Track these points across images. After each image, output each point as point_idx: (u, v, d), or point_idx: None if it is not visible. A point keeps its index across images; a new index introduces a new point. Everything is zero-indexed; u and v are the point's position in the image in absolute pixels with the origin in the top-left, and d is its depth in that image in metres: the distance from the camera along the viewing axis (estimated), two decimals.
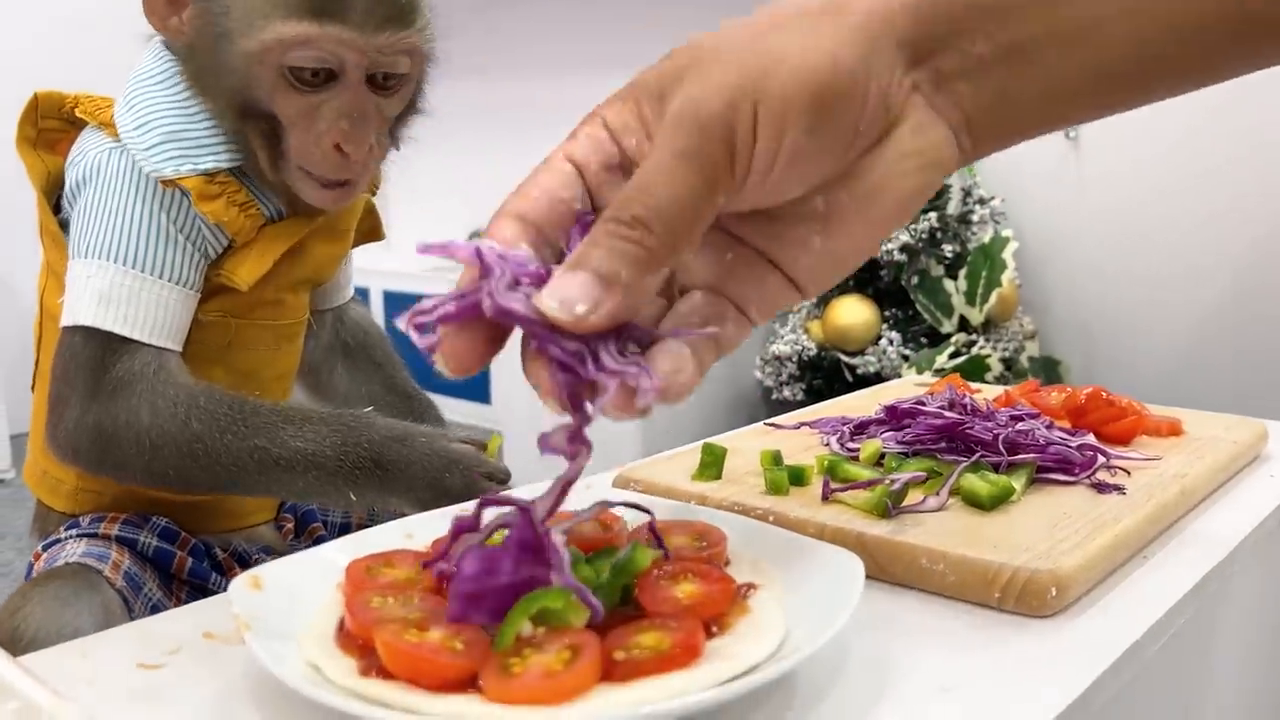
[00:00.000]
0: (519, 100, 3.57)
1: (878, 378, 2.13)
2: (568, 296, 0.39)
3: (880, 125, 0.42)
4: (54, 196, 0.79)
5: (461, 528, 0.44)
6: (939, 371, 2.00)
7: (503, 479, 0.71)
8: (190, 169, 0.72)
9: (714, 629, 0.41)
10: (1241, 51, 0.41)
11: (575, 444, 0.40)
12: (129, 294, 0.71)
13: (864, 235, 0.44)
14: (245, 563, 0.78)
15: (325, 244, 0.81)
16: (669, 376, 0.41)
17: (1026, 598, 0.50)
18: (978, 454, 0.65)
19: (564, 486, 0.41)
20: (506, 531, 0.42)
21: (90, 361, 0.71)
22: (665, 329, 0.43)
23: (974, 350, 2.08)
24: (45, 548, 0.75)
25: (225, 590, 0.74)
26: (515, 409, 2.47)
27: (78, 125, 0.79)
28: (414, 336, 0.39)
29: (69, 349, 0.72)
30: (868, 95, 0.41)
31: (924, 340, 2.18)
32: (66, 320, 0.72)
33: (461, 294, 0.40)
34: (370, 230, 0.87)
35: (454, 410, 2.93)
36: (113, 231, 0.72)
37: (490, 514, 0.44)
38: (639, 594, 0.42)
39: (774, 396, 2.38)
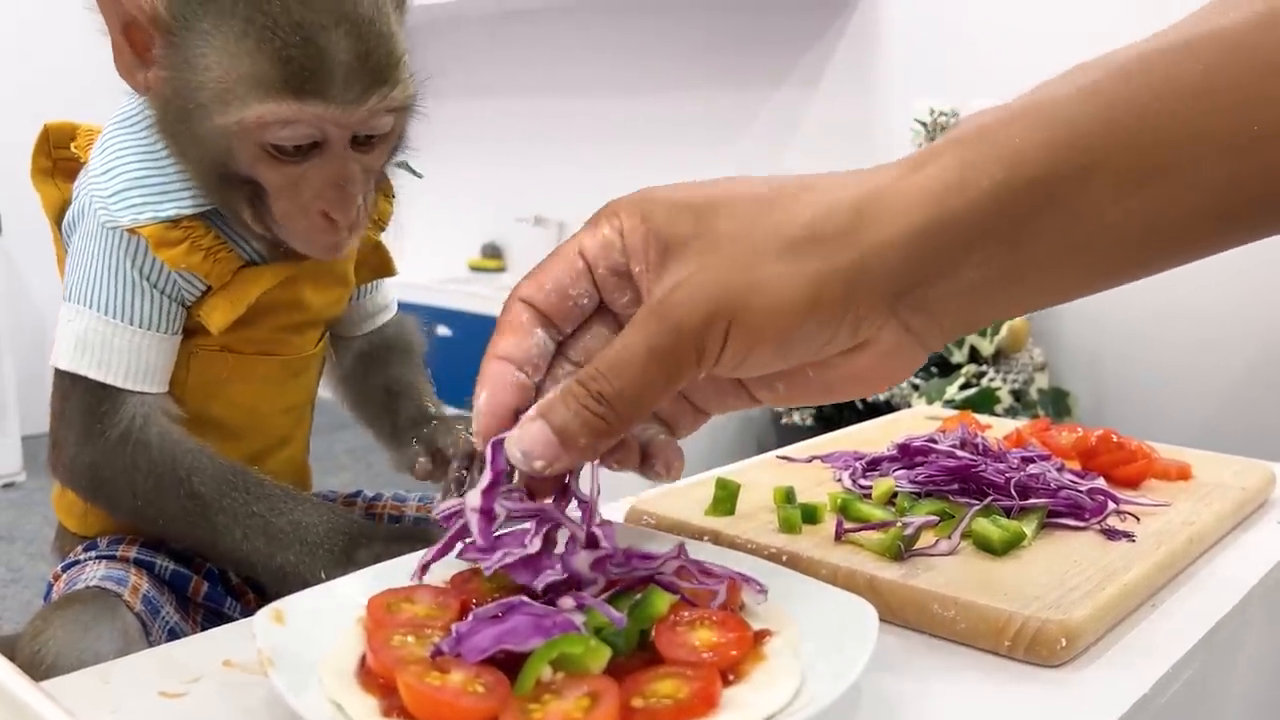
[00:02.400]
0: (524, 116, 3.59)
1: (888, 406, 2.14)
2: (529, 451, 0.45)
3: (847, 346, 0.45)
4: None
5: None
6: (949, 402, 2.00)
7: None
8: (150, 217, 0.70)
9: (730, 676, 0.42)
10: (1239, 229, 0.43)
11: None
12: (103, 340, 0.71)
13: (823, 398, 0.49)
14: (258, 588, 0.78)
15: (320, 290, 0.79)
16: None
17: (1036, 647, 0.50)
18: (989, 498, 0.66)
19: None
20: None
21: (80, 405, 0.72)
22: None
23: (984, 382, 2.08)
24: (65, 569, 0.76)
25: (240, 615, 0.76)
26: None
27: None
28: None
29: (60, 390, 0.74)
30: (840, 328, 0.44)
31: (934, 370, 2.18)
32: (52, 360, 0.74)
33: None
34: (379, 266, 0.85)
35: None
36: (87, 278, 0.73)
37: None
38: (656, 639, 0.43)
39: (783, 421, 2.38)
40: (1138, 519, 0.66)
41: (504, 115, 3.59)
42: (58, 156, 0.80)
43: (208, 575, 0.77)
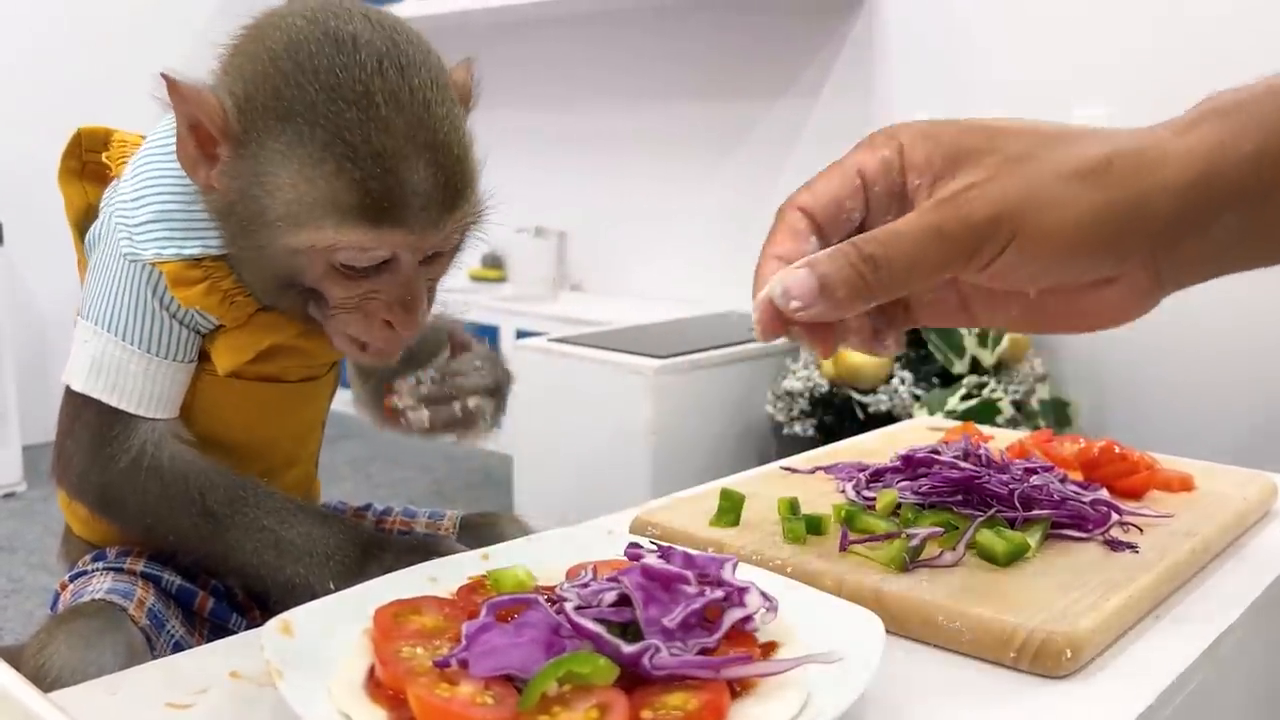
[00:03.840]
0: (525, 127, 3.60)
1: (889, 417, 2.14)
2: (789, 289, 0.48)
3: (1104, 275, 0.49)
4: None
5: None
6: (950, 413, 2.00)
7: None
8: (174, 253, 0.69)
9: (737, 688, 0.42)
10: None
11: None
12: (117, 364, 0.71)
13: (1057, 326, 0.52)
14: (264, 603, 0.78)
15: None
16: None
17: (1042, 659, 0.51)
18: (993, 509, 0.66)
19: None
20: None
21: (90, 426, 0.72)
22: None
23: (985, 393, 2.08)
24: (72, 579, 0.76)
25: (244, 630, 0.76)
26: (527, 432, 2.48)
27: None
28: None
29: (71, 407, 0.74)
30: (1107, 256, 0.48)
31: (936, 380, 2.18)
32: (65, 378, 0.73)
33: None
34: None
35: None
36: (106, 300, 0.72)
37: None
38: None
39: (784, 431, 2.38)
40: (1141, 530, 0.66)
41: (504, 126, 3.60)
42: (88, 160, 0.79)
43: (214, 591, 0.77)
